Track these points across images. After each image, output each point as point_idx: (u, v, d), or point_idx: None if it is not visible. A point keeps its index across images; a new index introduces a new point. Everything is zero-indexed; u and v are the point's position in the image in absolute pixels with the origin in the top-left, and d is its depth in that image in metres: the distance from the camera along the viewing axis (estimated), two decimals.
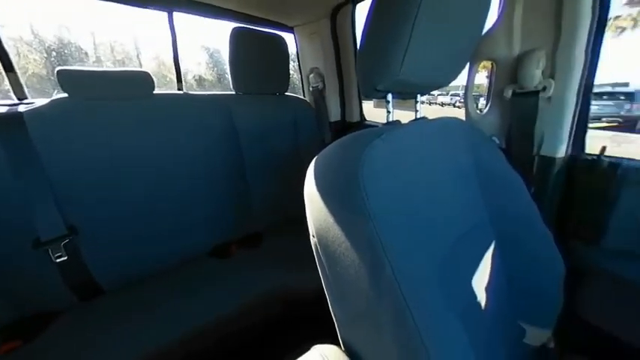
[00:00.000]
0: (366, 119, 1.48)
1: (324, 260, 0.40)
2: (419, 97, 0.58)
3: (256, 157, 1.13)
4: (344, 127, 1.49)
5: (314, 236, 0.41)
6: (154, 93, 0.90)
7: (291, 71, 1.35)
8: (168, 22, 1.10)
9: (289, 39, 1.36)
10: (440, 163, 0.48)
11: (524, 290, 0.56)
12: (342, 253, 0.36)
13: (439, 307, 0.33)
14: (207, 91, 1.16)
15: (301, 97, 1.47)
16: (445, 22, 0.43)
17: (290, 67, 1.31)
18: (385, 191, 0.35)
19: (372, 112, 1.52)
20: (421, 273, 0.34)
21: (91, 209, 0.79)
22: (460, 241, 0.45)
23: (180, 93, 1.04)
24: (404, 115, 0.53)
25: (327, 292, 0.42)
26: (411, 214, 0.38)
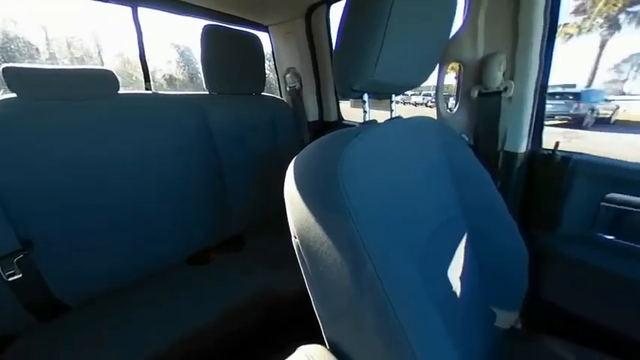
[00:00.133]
0: (344, 119, 1.50)
1: (306, 260, 0.40)
2: (393, 97, 0.60)
3: (234, 159, 1.10)
4: (322, 126, 1.49)
5: (296, 237, 0.41)
6: (118, 93, 0.84)
7: (267, 71, 1.33)
8: (132, 17, 1.03)
9: (264, 38, 1.33)
10: (415, 161, 0.50)
11: (493, 277, 0.60)
12: (323, 252, 0.36)
13: (420, 301, 0.35)
14: (179, 91, 1.11)
15: (279, 97, 1.45)
16: (416, 24, 0.45)
17: (266, 66, 1.29)
18: (364, 190, 0.36)
19: (348, 111, 1.55)
20: (401, 268, 0.35)
21: (49, 221, 0.72)
22: (436, 235, 0.48)
23: (149, 93, 0.98)
24: (380, 115, 0.55)
25: (311, 292, 0.42)
26: (390, 211, 0.39)
